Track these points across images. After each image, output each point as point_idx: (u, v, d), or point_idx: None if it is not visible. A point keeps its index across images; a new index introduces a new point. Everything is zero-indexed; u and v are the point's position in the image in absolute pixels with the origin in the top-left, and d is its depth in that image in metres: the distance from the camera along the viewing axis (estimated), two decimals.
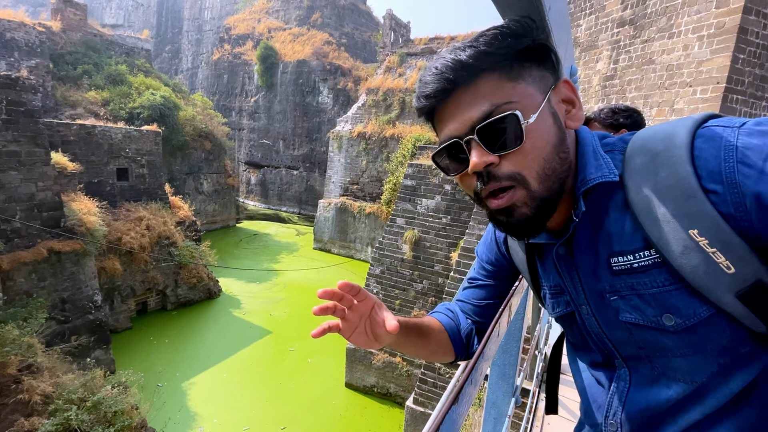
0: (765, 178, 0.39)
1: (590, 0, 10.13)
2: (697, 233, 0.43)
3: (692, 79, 7.51)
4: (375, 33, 30.30)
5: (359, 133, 19.98)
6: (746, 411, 0.46)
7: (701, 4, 7.44)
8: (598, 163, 0.51)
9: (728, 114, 4.31)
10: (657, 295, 0.48)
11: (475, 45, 0.48)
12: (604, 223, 0.51)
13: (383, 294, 10.76)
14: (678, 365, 0.49)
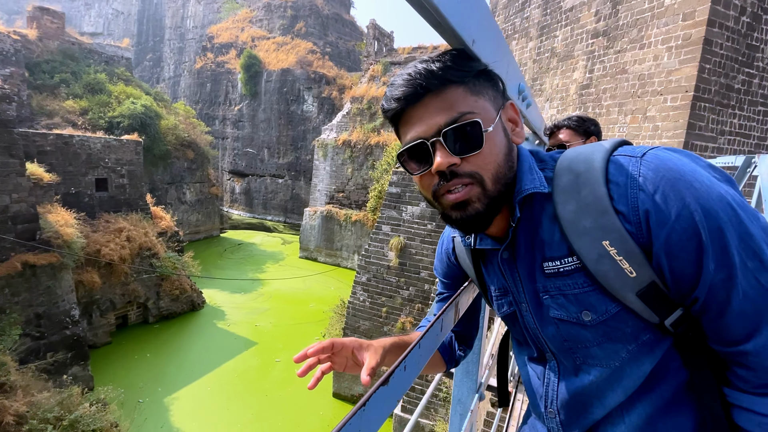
0: (656, 205, 0.48)
1: (566, 12, 10.49)
2: (608, 244, 0.51)
3: (663, 88, 7.84)
4: (359, 42, 30.60)
5: (344, 141, 20.04)
6: (661, 388, 0.54)
7: (669, 16, 7.81)
8: (532, 176, 0.58)
9: (697, 121, 4.62)
10: (578, 295, 0.56)
11: (443, 60, 0.54)
12: (539, 232, 0.58)
13: (370, 301, 10.75)
14: (595, 353, 0.57)
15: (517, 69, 0.67)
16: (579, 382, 0.60)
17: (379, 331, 10.53)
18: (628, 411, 0.57)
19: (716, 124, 7.66)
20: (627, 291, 0.51)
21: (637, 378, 0.55)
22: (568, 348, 0.59)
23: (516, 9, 12.70)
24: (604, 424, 0.59)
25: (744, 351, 0.47)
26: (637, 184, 0.49)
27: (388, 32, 25.69)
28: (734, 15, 7.43)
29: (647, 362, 0.54)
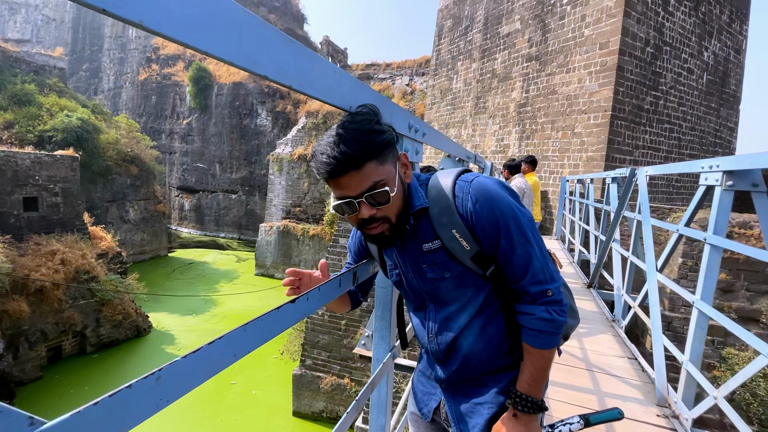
0: (476, 209, 0.84)
1: (503, 38, 11.43)
2: (455, 231, 0.87)
3: (587, 107, 8.79)
4: None
5: (300, 156, 19.99)
6: (487, 310, 0.94)
7: (589, 45, 8.81)
8: (418, 195, 0.90)
9: (616, 136, 5.40)
10: (441, 263, 0.91)
11: (361, 141, 0.77)
12: (420, 227, 0.91)
13: (329, 315, 10.74)
14: (453, 295, 0.93)
15: (402, 111, 0.92)
16: (444, 313, 0.96)
17: (339, 344, 10.52)
18: (469, 326, 0.94)
19: (631, 139, 8.69)
20: (465, 258, 0.88)
21: (475, 306, 0.93)
22: (438, 295, 0.94)
23: (460, 33, 13.60)
24: (459, 337, 0.95)
25: (522, 284, 0.87)
26: (468, 198, 0.85)
27: (342, 49, 26.22)
28: (640, 46, 8.55)
29: (480, 297, 0.92)
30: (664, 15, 8.99)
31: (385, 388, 1.03)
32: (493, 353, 0.94)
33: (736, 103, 11.93)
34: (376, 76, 23.54)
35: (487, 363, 0.94)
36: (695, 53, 9.97)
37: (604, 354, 2.56)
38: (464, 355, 0.95)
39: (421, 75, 21.75)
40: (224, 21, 0.35)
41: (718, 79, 10.94)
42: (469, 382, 0.97)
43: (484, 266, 0.89)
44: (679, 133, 9.90)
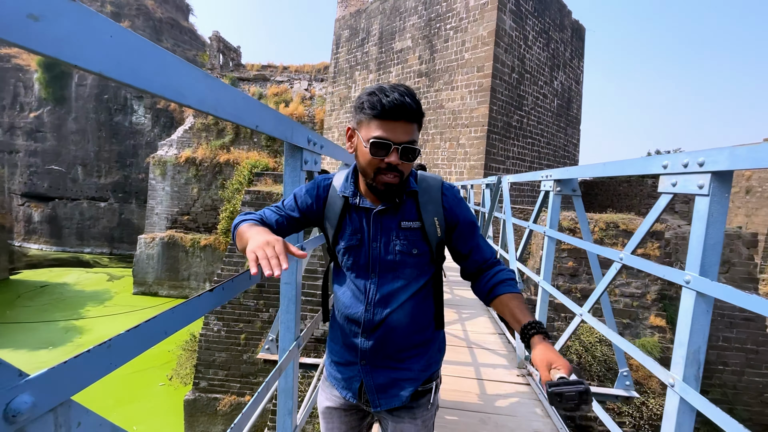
0: (453, 208, 1.05)
1: (397, 53, 12.26)
2: (436, 219, 1.03)
3: (468, 122, 9.99)
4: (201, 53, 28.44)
5: (188, 159, 18.20)
6: (427, 290, 1.08)
7: (469, 68, 10.05)
8: (411, 180, 1.06)
9: (491, 148, 6.29)
10: (414, 240, 1.03)
11: (418, 104, 0.94)
12: (404, 207, 1.04)
13: (226, 330, 10.03)
14: (407, 272, 1.04)
15: (302, 127, 1.06)
16: (390, 287, 1.04)
17: (238, 360, 9.90)
18: (406, 304, 1.04)
19: (504, 151, 10.17)
20: (434, 241, 1.04)
21: (416, 287, 1.05)
22: (395, 267, 1.03)
23: (357, 44, 14.11)
24: (394, 312, 1.04)
25: (490, 260, 1.09)
26: (453, 199, 1.07)
27: (235, 47, 24.75)
28: (508, 72, 10.07)
29: (423, 279, 1.06)
30: (525, 48, 10.76)
31: (291, 374, 1.13)
32: (415, 330, 1.05)
33: (578, 123, 14.83)
34: (273, 78, 22.81)
35: (410, 339, 1.05)
36: (548, 81, 12.14)
37: (481, 333, 3.04)
38: (393, 328, 1.03)
39: (320, 81, 21.82)
40: (157, 63, 0.44)
41: (565, 103, 13.48)
42: (389, 357, 1.05)
43: (439, 253, 1.07)
44: (539, 146, 11.90)
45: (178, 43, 28.53)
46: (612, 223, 7.59)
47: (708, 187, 1.00)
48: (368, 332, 1.04)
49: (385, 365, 1.05)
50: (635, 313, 7.39)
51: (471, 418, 1.93)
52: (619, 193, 14.45)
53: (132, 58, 0.40)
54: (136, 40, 0.41)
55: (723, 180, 1.00)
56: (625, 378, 2.16)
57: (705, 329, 1.03)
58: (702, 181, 1.02)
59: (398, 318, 1.03)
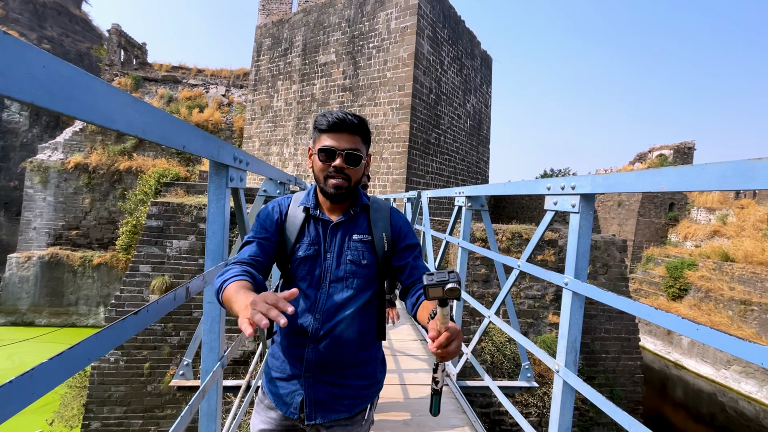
0: (402, 229, 1.19)
1: (321, 66, 12.33)
2: (384, 234, 1.15)
3: (391, 137, 10.42)
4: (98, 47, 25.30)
5: (78, 165, 15.89)
6: (372, 301, 1.16)
7: (390, 86, 10.52)
8: (363, 197, 1.19)
9: (412, 163, 6.62)
10: (363, 251, 1.12)
11: (361, 120, 1.09)
12: (357, 221, 1.16)
13: (126, 360, 8.87)
14: (355, 282, 1.12)
15: (228, 145, 1.07)
16: (339, 297, 1.10)
17: (140, 392, 8.79)
18: (353, 317, 1.11)
19: (424, 166, 10.78)
20: (380, 254, 1.14)
21: (363, 299, 1.13)
22: (346, 278, 1.11)
23: (279, 53, 13.86)
24: (341, 323, 1.09)
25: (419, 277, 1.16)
26: (399, 219, 1.21)
27: (139, 43, 22.51)
28: (426, 92, 10.76)
29: (369, 292, 1.14)
30: (441, 71, 11.64)
31: (215, 396, 1.10)
32: (360, 346, 1.11)
33: (487, 143, 16.35)
34: (185, 81, 21.17)
35: (354, 354, 1.10)
36: (462, 103, 13.24)
37: (404, 340, 3.19)
38: (339, 338, 1.08)
39: (240, 87, 20.85)
40: (87, 90, 0.44)
41: (476, 124, 14.80)
42: (333, 372, 1.09)
43: (384, 266, 1.16)
44: (455, 163, 12.85)
45: (66, 33, 25.02)
46: (517, 233, 8.49)
47: (578, 206, 1.25)
48: (315, 342, 1.08)
49: (328, 380, 1.09)
50: (537, 312, 8.32)
51: (396, 422, 2.02)
52: (523, 206, 16.22)
53: (63, 87, 0.40)
54: (68, 69, 0.42)
55: (588, 200, 1.25)
56: (527, 371, 2.45)
57: (579, 322, 1.26)
58: (574, 201, 1.26)
59: (345, 328, 1.09)
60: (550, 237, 8.68)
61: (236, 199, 1.32)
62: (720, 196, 17.71)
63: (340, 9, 11.83)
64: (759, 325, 12.21)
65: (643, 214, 18.18)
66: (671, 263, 15.57)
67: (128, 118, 0.53)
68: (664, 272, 15.68)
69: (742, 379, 11.72)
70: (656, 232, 18.38)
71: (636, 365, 9.10)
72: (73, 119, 18.72)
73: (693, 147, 20.37)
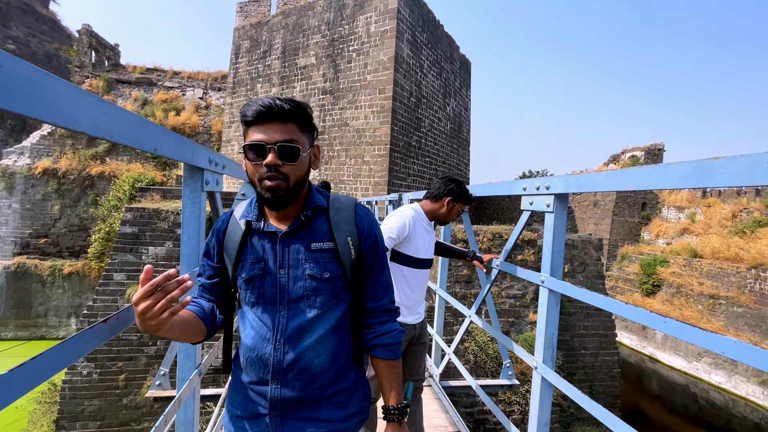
0: (368, 230, 0.99)
1: (301, 69, 12.26)
2: (350, 239, 0.95)
3: (372, 140, 10.44)
4: (67, 47, 24.38)
5: (46, 170, 15.24)
6: (343, 327, 0.97)
7: (371, 89, 10.55)
8: (319, 197, 0.99)
9: (394, 166, 6.59)
10: (326, 262, 0.94)
11: (295, 104, 0.88)
12: (313, 226, 0.96)
13: (99, 372, 8.54)
14: (319, 300, 0.93)
15: (203, 148, 1.05)
16: (302, 320, 0.92)
17: (116, 406, 8.48)
18: (323, 341, 0.93)
19: (405, 168, 10.84)
20: (348, 263, 0.94)
21: (333, 319, 0.95)
22: (306, 296, 0.93)
23: (258, 56, 13.70)
24: (309, 350, 0.92)
25: (383, 302, 1.02)
26: (366, 219, 1.00)
27: (112, 44, 21.83)
28: (407, 95, 10.84)
29: (340, 309, 0.96)
30: (421, 75, 11.75)
31: (191, 405, 1.06)
32: (336, 373, 0.94)
33: (467, 145, 16.59)
34: (160, 84, 20.65)
35: (329, 384, 0.94)
36: (442, 106, 13.40)
37: None
38: (308, 368, 0.92)
39: (218, 90, 20.48)
40: (48, 91, 0.42)
41: (456, 127, 15.00)
42: (303, 406, 0.93)
43: (354, 277, 0.96)
44: (436, 165, 12.97)
45: (33, 33, 24.05)
46: (497, 233, 8.64)
47: (552, 205, 1.28)
48: (279, 376, 0.92)
49: (300, 416, 0.93)
50: (518, 311, 8.47)
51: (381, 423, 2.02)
52: (503, 207, 16.52)
53: (23, 87, 0.39)
54: (27, 69, 0.40)
55: (562, 200, 1.28)
56: (507, 369, 2.49)
57: (556, 319, 1.30)
58: (548, 201, 1.30)
59: (314, 356, 0.92)
60: (530, 237, 8.87)
61: (212, 203, 1.29)
62: (688, 195, 18.52)
63: (319, 12, 11.80)
64: (726, 318, 12.80)
65: (618, 213, 18.82)
66: (645, 260, 16.16)
67: (94, 119, 0.52)
68: (638, 269, 16.25)
69: (712, 370, 12.25)
70: (630, 230, 19.05)
71: (613, 360, 9.38)
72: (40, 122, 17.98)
73: (662, 148, 21.23)
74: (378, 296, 1.00)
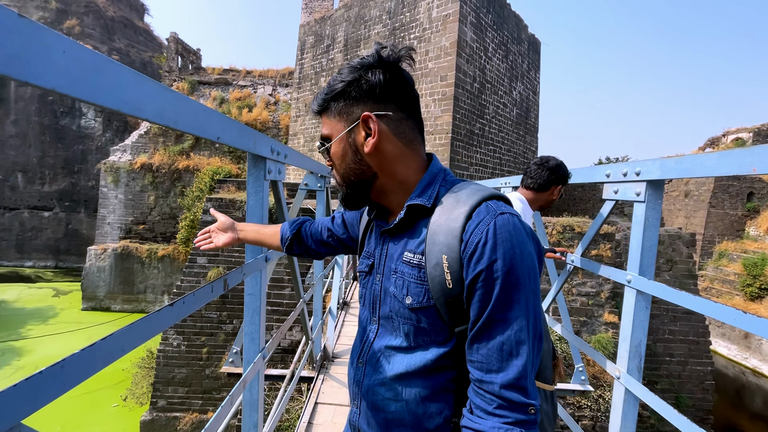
0: (482, 251, 0.61)
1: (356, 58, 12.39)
2: (445, 258, 0.64)
3: (433, 129, 10.23)
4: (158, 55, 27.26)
5: (144, 165, 17.31)
6: (436, 376, 0.69)
7: (432, 77, 10.31)
8: (424, 191, 0.72)
9: (455, 155, 6.34)
10: (410, 283, 0.70)
11: (324, 90, 0.74)
12: (413, 229, 0.72)
13: (186, 345, 9.59)
14: (404, 329, 0.72)
15: (265, 137, 1.06)
16: (386, 342, 0.74)
17: (200, 375, 9.47)
18: (404, 383, 0.70)
19: (467, 157, 10.48)
20: (441, 295, 0.65)
21: (421, 360, 0.69)
22: (391, 316, 0.74)
23: (322, 50, 14.09)
24: (384, 387, 0.73)
25: (494, 379, 0.60)
26: (482, 230, 0.62)
27: (194, 49, 23.93)
28: (470, 81, 10.42)
29: (432, 352, 0.68)
30: (485, 59, 11.20)
31: (256, 386, 1.11)
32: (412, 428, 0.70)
33: (535, 132, 15.57)
34: (235, 83, 22.25)
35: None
36: (507, 91, 12.68)
37: None
38: (384, 415, 0.73)
39: (285, 86, 21.54)
40: (113, 77, 0.43)
41: (523, 113, 14.13)
42: None
43: (457, 317, 0.66)
44: (500, 154, 12.37)
45: (132, 44, 27.20)
46: (568, 226, 8.02)
47: (644, 194, 1.11)
48: (358, 399, 0.79)
49: None
50: (591, 310, 7.83)
51: None
52: (575, 197, 15.30)
53: (87, 74, 0.40)
54: (91, 56, 0.41)
55: (656, 188, 1.10)
56: (580, 373, 2.29)
57: (645, 324, 1.13)
58: (639, 189, 1.12)
59: (390, 396, 0.72)
60: (606, 230, 8.10)
61: (275, 192, 1.32)
62: None
63: (380, 1, 11.76)
64: None
65: (715, 205, 16.43)
66: (750, 260, 13.95)
67: (158, 107, 0.52)
68: (741, 269, 14.09)
69: None
70: (731, 224, 16.54)
71: (706, 371, 8.29)
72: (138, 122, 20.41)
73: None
74: (487, 365, 0.61)
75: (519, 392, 0.58)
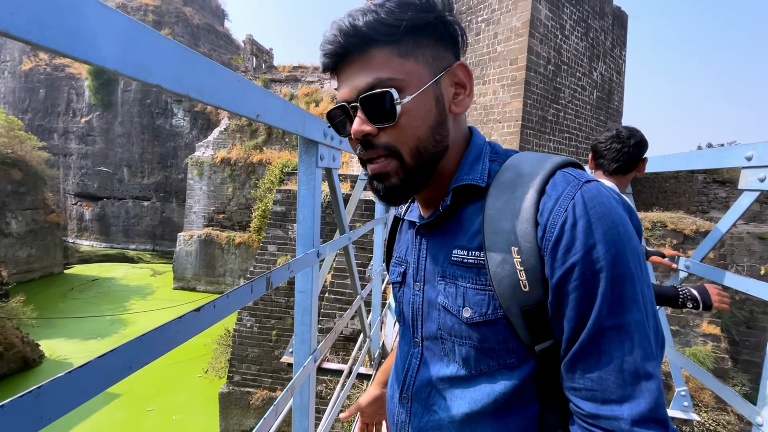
0: (571, 235, 0.44)
1: None
2: (516, 251, 0.47)
3: (501, 117, 9.64)
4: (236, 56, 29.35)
5: (223, 159, 18.85)
6: (510, 416, 0.51)
7: (501, 60, 9.68)
8: (476, 167, 0.54)
9: (525, 144, 5.88)
10: (467, 290, 0.52)
11: (375, 11, 0.48)
12: (461, 218, 0.55)
13: (258, 326, 10.27)
14: (459, 351, 0.53)
15: (317, 119, 0.95)
16: (436, 372, 0.56)
17: (270, 356, 10.12)
18: (473, 429, 0.53)
19: (538, 146, 9.72)
20: (514, 303, 0.48)
21: (488, 395, 0.51)
22: (440, 336, 0.56)
23: None
24: (443, 430, 0.56)
25: (607, 414, 0.43)
26: (565, 206, 0.45)
27: (267, 49, 25.33)
28: (543, 63, 9.60)
29: (502, 383, 0.51)
30: (562, 38, 10.23)
31: (307, 391, 1.04)
32: None
33: (619, 116, 13.98)
34: (303, 79, 23.16)
35: None
36: (587, 72, 11.50)
37: None
38: None
39: None
40: (114, 31, 0.35)
41: (605, 95, 12.74)
42: None
43: (538, 332, 0.48)
44: (577, 141, 11.31)
45: (214, 48, 29.61)
46: (659, 222, 7.07)
47: None
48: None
49: None
50: (684, 319, 6.85)
51: None
52: (666, 190, 13.49)
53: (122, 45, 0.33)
54: (146, 32, 0.34)
55: None
56: (682, 398, 1.92)
57: None
58: None
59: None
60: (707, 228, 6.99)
61: (329, 181, 1.21)
62: None
63: None
64: None
65: None
66: None
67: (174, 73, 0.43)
68: None
69: None
70: None
71: None
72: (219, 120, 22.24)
73: None
74: (602, 393, 0.43)
75: (658, 427, 0.41)
